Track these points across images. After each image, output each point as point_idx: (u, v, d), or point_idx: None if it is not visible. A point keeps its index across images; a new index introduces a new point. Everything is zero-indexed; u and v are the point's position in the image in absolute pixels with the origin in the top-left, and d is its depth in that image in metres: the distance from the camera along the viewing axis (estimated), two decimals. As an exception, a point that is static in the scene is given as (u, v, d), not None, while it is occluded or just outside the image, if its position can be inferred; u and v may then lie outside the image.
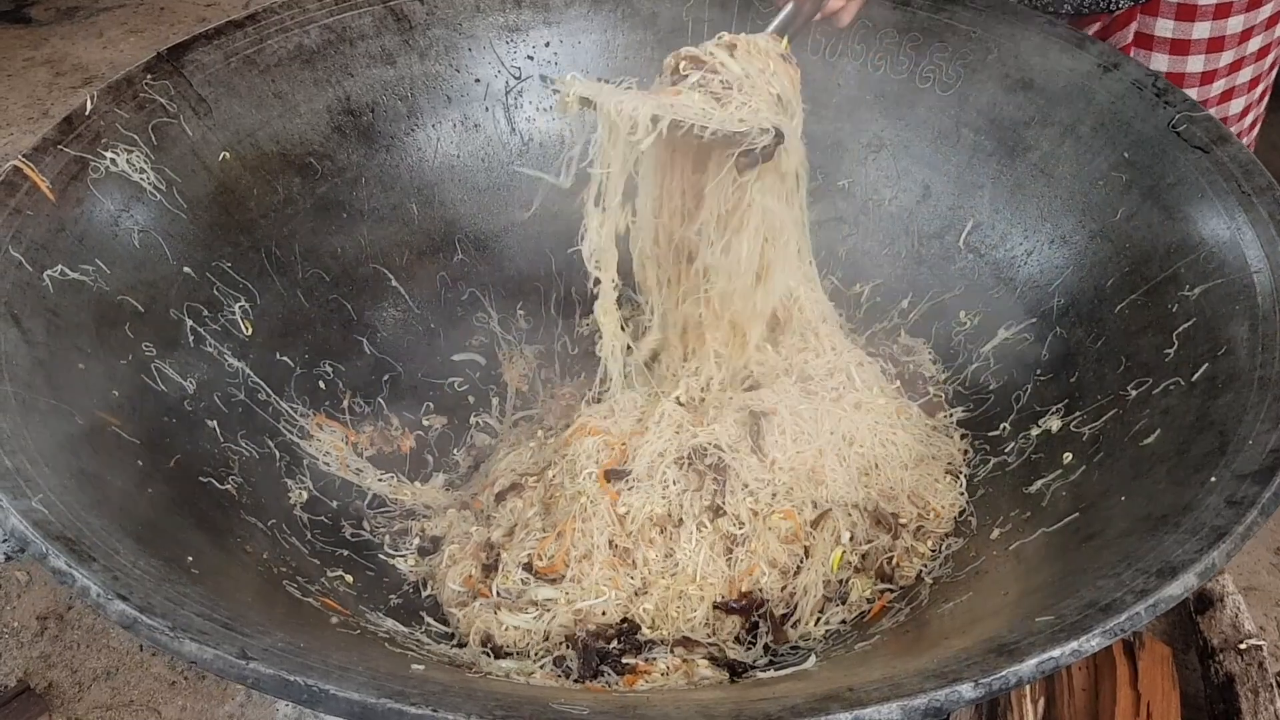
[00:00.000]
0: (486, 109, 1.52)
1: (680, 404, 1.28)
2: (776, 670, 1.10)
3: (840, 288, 1.52)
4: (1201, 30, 1.48)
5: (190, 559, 0.95)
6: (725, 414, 1.25)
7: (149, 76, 1.28)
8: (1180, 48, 1.50)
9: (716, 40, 1.16)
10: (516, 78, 1.52)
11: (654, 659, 1.13)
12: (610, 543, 1.18)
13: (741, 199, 1.18)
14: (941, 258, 1.46)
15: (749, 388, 1.31)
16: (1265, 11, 1.49)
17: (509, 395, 1.50)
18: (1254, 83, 1.60)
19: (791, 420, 1.25)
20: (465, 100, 1.51)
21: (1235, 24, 1.48)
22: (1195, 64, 1.51)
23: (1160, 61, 1.53)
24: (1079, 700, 1.30)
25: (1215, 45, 1.50)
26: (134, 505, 0.98)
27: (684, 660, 1.13)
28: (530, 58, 1.53)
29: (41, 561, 0.83)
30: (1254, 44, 1.53)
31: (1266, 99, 1.68)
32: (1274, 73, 1.64)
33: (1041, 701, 1.29)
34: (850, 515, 1.24)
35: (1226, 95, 1.58)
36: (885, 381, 1.38)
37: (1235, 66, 1.54)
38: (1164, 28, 1.50)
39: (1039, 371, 1.30)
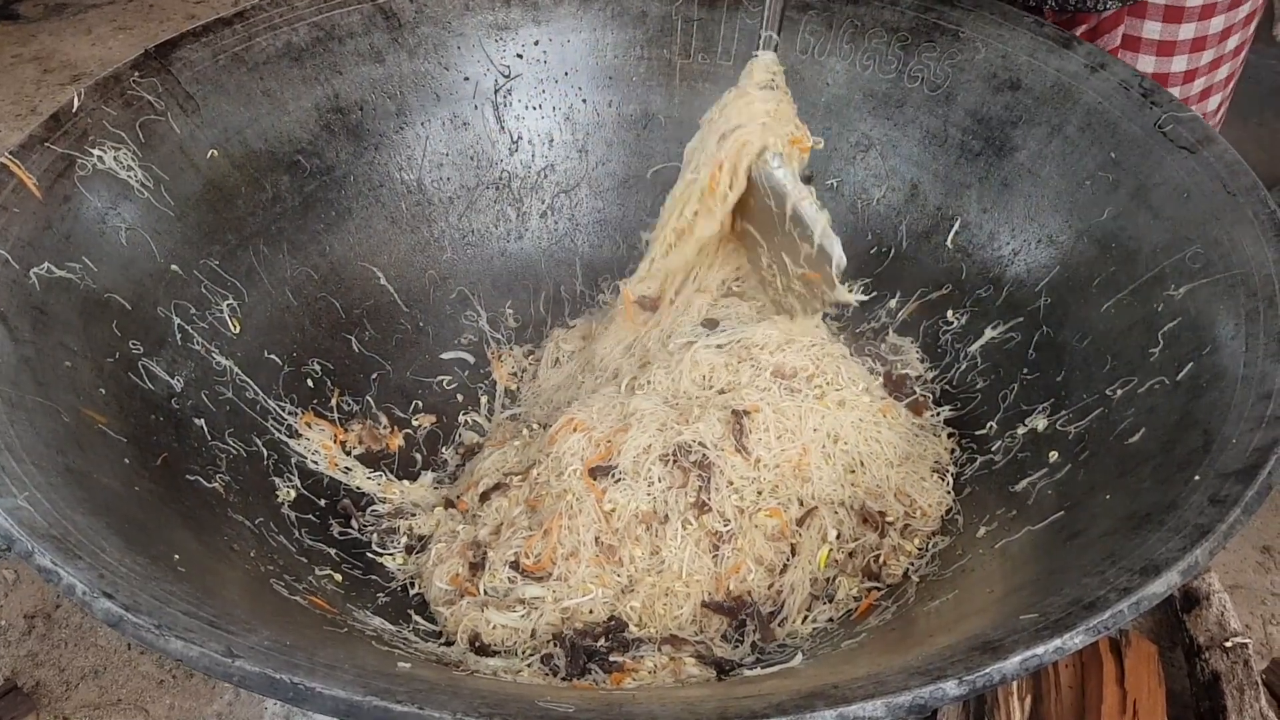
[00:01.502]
0: (475, 107, 1.52)
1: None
2: (763, 668, 1.11)
3: (829, 286, 1.53)
4: (1187, 31, 1.50)
5: (177, 557, 0.95)
6: (709, 412, 1.25)
7: (137, 74, 1.27)
8: (1166, 49, 1.52)
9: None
10: (506, 75, 1.52)
11: (641, 657, 1.13)
12: (596, 540, 1.19)
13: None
14: (929, 257, 1.46)
15: (726, 388, 1.31)
16: (1244, 10, 1.52)
17: (498, 394, 1.50)
18: (1229, 79, 1.63)
19: (775, 418, 1.25)
20: (454, 98, 1.51)
21: (1217, 23, 1.50)
22: (1179, 64, 1.53)
23: (1146, 63, 1.54)
24: (1066, 698, 1.30)
25: (1198, 45, 1.51)
26: (121, 503, 0.97)
27: (671, 658, 1.13)
28: (519, 56, 1.53)
29: (27, 559, 0.83)
30: (1232, 42, 1.55)
31: (1233, 90, 1.71)
32: (1243, 68, 1.67)
33: (1028, 699, 1.30)
34: (837, 513, 1.25)
35: (1205, 93, 1.60)
36: (870, 379, 1.39)
37: (1214, 65, 1.56)
38: (1151, 30, 1.51)
39: (1025, 370, 1.31)
